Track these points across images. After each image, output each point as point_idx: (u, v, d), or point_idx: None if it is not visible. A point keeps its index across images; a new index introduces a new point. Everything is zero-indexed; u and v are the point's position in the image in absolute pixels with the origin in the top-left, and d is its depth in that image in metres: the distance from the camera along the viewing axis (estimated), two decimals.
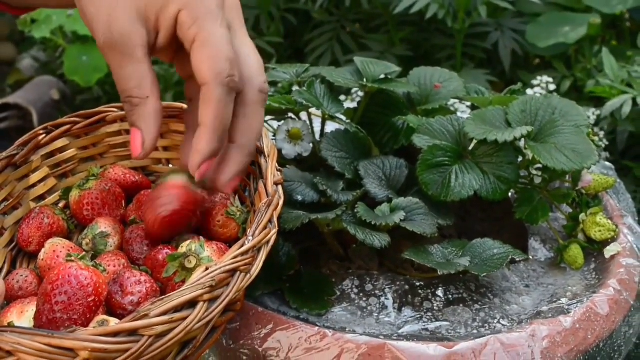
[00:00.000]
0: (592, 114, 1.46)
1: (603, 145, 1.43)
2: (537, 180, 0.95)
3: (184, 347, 0.71)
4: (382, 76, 1.03)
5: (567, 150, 0.90)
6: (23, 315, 0.75)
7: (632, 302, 0.87)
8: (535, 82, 1.53)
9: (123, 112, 0.96)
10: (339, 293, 0.87)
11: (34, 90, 2.25)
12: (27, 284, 0.81)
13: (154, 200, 0.80)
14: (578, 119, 0.95)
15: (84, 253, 0.77)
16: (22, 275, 0.82)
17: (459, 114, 1.23)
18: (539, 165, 0.94)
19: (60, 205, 0.95)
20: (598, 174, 1.00)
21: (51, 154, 0.95)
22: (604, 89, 1.43)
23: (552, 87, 1.51)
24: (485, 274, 0.85)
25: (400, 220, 0.84)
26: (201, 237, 0.77)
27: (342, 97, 1.57)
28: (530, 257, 0.96)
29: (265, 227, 0.73)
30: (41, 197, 0.94)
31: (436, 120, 0.94)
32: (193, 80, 0.75)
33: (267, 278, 0.85)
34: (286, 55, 2.00)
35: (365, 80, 1.00)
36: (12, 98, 2.22)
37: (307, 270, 0.89)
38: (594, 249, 0.95)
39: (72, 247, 0.82)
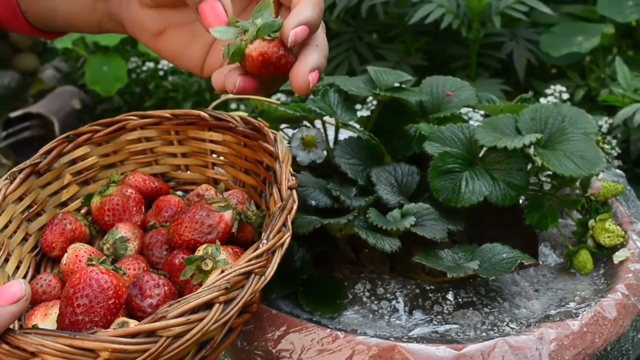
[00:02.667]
0: (604, 122, 1.47)
1: (615, 153, 1.44)
2: (547, 187, 0.96)
3: (201, 347, 0.73)
4: (398, 84, 1.05)
5: (575, 157, 0.91)
6: (47, 317, 0.77)
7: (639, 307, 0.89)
8: (548, 91, 1.54)
9: (143, 120, 0.99)
10: (351, 296, 0.89)
11: (56, 100, 2.29)
12: (50, 288, 0.84)
13: None
14: (587, 126, 0.97)
15: (104, 257, 0.79)
16: (45, 280, 0.85)
17: (473, 122, 1.25)
18: (549, 172, 0.96)
19: (82, 211, 0.97)
20: (608, 180, 1.02)
21: (73, 162, 0.97)
22: (617, 98, 1.45)
23: (565, 96, 1.53)
24: (493, 278, 0.87)
25: (411, 225, 0.86)
26: (217, 241, 0.80)
27: (358, 106, 1.60)
28: (540, 263, 0.98)
29: (279, 231, 0.76)
30: (64, 204, 0.97)
31: (447, 127, 0.96)
32: None
33: (282, 281, 0.87)
34: None
35: (378, 89, 1.02)
36: (34, 108, 2.26)
37: (320, 274, 0.91)
38: (603, 254, 0.96)
39: (93, 252, 0.85)
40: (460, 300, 0.89)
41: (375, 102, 1.39)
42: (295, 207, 0.80)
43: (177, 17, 0.87)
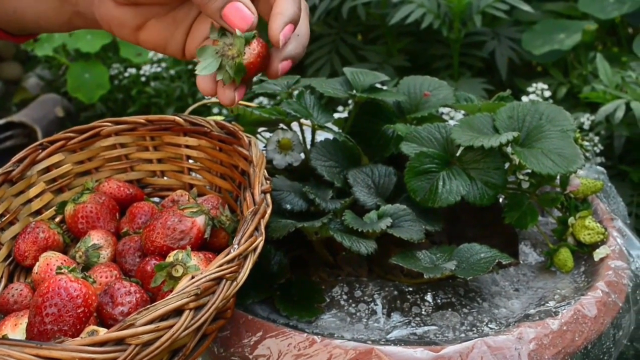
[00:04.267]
0: (586, 119, 1.47)
1: (598, 150, 1.43)
2: (525, 185, 0.95)
3: (173, 354, 0.72)
4: (378, 85, 1.05)
5: (553, 155, 0.91)
6: (17, 327, 0.76)
7: (620, 304, 0.88)
8: (530, 89, 1.54)
9: (117, 126, 0.98)
10: (328, 300, 0.88)
11: (39, 108, 2.27)
12: (21, 297, 0.83)
13: None
14: (565, 123, 0.96)
15: (74, 265, 0.78)
16: (16, 289, 0.84)
17: (454, 122, 1.24)
18: (527, 171, 0.95)
19: (57, 219, 0.96)
20: (587, 177, 1.01)
21: (47, 170, 0.97)
22: (598, 95, 1.44)
23: (548, 93, 1.52)
24: (471, 278, 0.86)
25: (387, 227, 0.85)
26: (188, 247, 0.79)
27: (340, 108, 1.59)
28: (521, 262, 0.97)
29: (251, 235, 0.75)
30: (38, 212, 0.96)
31: (424, 127, 0.95)
32: None
33: (258, 286, 0.86)
34: None
35: (354, 90, 1.01)
36: (17, 116, 2.24)
37: (297, 278, 0.90)
38: (584, 252, 0.96)
39: (65, 260, 0.84)
40: (439, 301, 0.88)
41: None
42: (268, 211, 0.79)
43: (157, 9, 0.86)
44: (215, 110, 1.75)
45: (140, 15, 0.85)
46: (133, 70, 2.07)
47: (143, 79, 2.04)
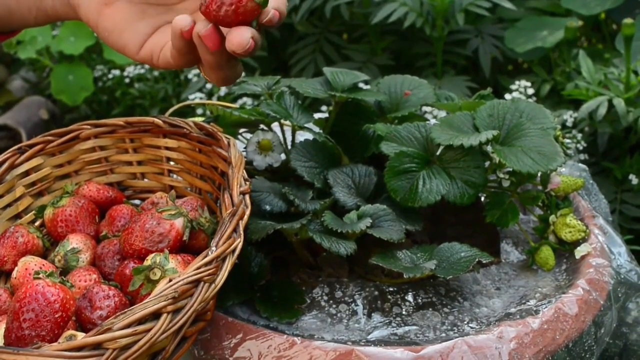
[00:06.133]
0: (569, 116, 1.47)
1: (581, 147, 1.43)
2: (506, 184, 0.95)
3: (153, 357, 0.72)
4: (361, 84, 1.04)
5: (532, 153, 0.91)
6: None
7: (602, 302, 0.88)
8: (513, 86, 1.54)
9: (96, 129, 0.98)
10: (309, 301, 0.88)
11: (23, 111, 2.26)
12: (0, 303, 0.82)
13: None
14: (545, 121, 0.96)
15: (51, 270, 0.78)
16: None
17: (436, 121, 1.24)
18: (508, 169, 0.95)
19: (37, 223, 0.96)
20: (568, 175, 1.01)
21: (26, 173, 0.96)
22: (581, 92, 1.44)
23: (531, 91, 1.52)
24: (451, 277, 0.86)
25: (367, 227, 0.85)
26: (166, 250, 0.79)
27: (324, 108, 1.59)
28: (502, 260, 0.97)
29: (229, 237, 0.75)
30: (17, 216, 0.96)
31: (403, 127, 0.95)
32: None
33: (238, 288, 0.86)
34: (270, 69, 2.01)
35: (334, 90, 1.01)
36: (1, 119, 2.23)
37: (277, 279, 0.90)
38: (565, 249, 0.96)
39: (44, 265, 0.83)
40: (419, 301, 0.88)
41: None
42: (247, 212, 0.79)
43: None
44: (199, 111, 1.75)
45: None
46: (117, 72, 2.06)
47: (127, 80, 2.03)
